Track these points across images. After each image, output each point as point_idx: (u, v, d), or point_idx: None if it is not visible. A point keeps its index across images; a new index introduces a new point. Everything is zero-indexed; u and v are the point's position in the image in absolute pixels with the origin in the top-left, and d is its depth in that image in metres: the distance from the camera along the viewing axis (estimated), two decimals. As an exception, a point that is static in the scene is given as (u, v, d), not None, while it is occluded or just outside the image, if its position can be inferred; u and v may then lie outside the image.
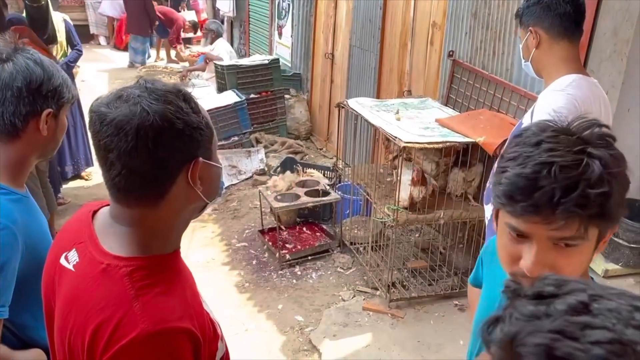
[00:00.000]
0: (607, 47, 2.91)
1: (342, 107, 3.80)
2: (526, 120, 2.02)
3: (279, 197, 3.94)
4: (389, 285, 3.40)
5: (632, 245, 3.40)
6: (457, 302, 3.42)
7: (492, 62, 3.44)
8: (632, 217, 3.46)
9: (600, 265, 3.50)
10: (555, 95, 1.77)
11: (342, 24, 5.44)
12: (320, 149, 6.01)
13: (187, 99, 0.96)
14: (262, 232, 4.15)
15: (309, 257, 3.89)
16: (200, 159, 0.96)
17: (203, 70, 7.30)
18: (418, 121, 3.45)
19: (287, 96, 6.19)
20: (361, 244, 3.90)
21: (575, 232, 0.81)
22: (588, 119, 0.87)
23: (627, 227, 3.40)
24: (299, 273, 3.78)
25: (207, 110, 1.05)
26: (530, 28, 1.89)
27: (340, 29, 5.52)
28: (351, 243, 3.94)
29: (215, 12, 9.99)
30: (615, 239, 3.44)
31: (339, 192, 4.16)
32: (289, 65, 6.69)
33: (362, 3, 4.92)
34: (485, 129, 3.10)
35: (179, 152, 0.93)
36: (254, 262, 3.91)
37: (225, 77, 5.76)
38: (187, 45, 11.14)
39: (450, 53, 3.78)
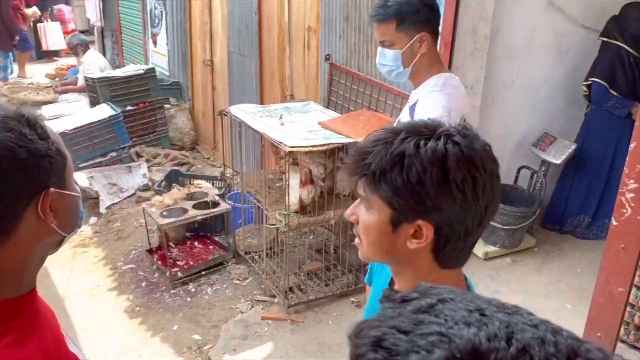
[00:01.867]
0: (469, 45, 3.11)
1: (225, 115, 3.72)
2: (404, 118, 2.09)
3: (165, 213, 3.77)
4: (286, 291, 3.38)
5: (506, 228, 3.67)
6: (353, 299, 3.48)
7: (367, 64, 3.54)
8: (504, 201, 3.73)
9: (480, 248, 3.74)
10: (438, 96, 1.84)
11: (219, 30, 5.34)
12: (208, 158, 5.86)
13: (32, 124, 0.86)
14: (149, 251, 3.95)
15: (203, 272, 3.77)
16: (52, 189, 0.86)
17: (75, 84, 6.85)
18: (302, 125, 3.47)
19: (167, 106, 5.96)
20: (256, 252, 3.84)
21: (362, 191, 0.93)
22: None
23: (500, 211, 3.66)
24: (193, 290, 3.65)
25: (80, 127, 0.95)
26: (421, 33, 1.90)
27: (217, 35, 5.42)
28: (246, 253, 3.88)
29: (88, 21, 9.39)
30: (492, 222, 3.69)
31: (230, 202, 4.07)
32: (167, 74, 6.46)
33: (236, 8, 4.86)
34: (365, 129, 3.18)
35: (24, 184, 0.83)
36: (144, 284, 3.71)
37: (98, 90, 5.42)
38: (55, 58, 10.39)
39: (327, 56, 3.84)
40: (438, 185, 0.87)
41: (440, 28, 3.05)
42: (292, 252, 3.75)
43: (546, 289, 3.45)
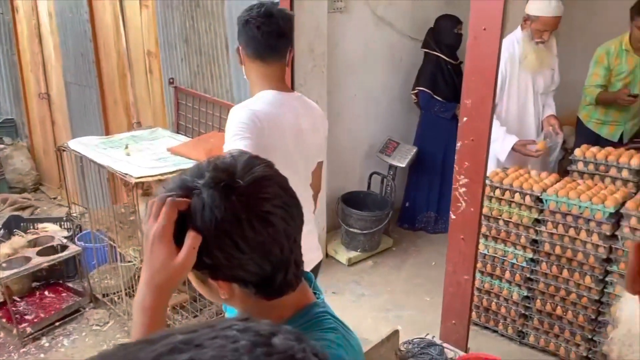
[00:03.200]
0: (308, 62, 3.21)
1: (64, 151, 3.45)
2: None
3: (3, 265, 3.39)
4: (151, 330, 3.20)
5: (365, 232, 3.83)
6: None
7: (212, 85, 3.51)
8: (360, 207, 3.90)
9: (343, 255, 3.86)
10: (238, 111, 1.84)
11: (53, 61, 4.97)
12: (54, 198, 5.40)
13: None
14: (-9, 309, 3.52)
15: (57, 324, 3.44)
16: None
17: None
18: (150, 153, 3.33)
19: (0, 146, 5.40)
20: (115, 293, 3.59)
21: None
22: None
23: (358, 217, 3.82)
24: (47, 345, 3.31)
25: None
26: (238, 45, 1.94)
27: (51, 66, 5.04)
28: (104, 295, 3.61)
29: None
30: (351, 229, 3.83)
31: (80, 243, 3.77)
32: (-2, 111, 5.86)
33: (69, 37, 4.56)
34: (217, 151, 3.14)
35: None
36: (-14, 347, 3.30)
37: None
38: None
39: (171, 80, 3.74)
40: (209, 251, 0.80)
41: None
42: (155, 287, 3.56)
43: (406, 285, 3.65)
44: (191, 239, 0.79)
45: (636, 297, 0.69)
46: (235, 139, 1.79)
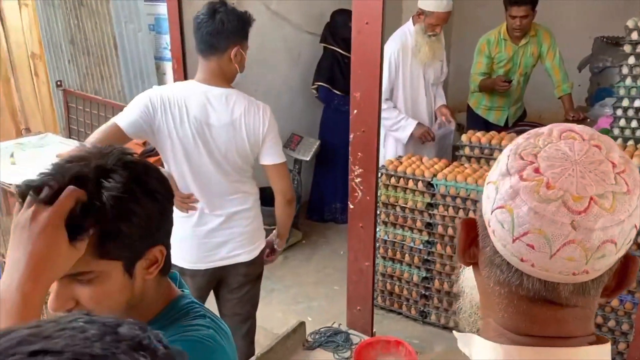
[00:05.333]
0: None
1: (-60, 163, 3.19)
2: None
3: None
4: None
5: (273, 228, 3.83)
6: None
7: (103, 87, 3.38)
8: (267, 203, 3.89)
9: (253, 252, 3.84)
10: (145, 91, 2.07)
11: None
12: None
13: None
14: None
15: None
16: None
17: None
18: (40, 160, 3.15)
19: None
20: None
21: (81, 267, 0.80)
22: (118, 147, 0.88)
23: (265, 213, 3.81)
24: None
25: None
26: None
27: None
28: None
29: None
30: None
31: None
32: None
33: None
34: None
35: None
36: None
37: None
38: None
39: (59, 83, 3.56)
40: (148, 210, 0.84)
41: (168, 44, 3.06)
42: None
43: (316, 276, 3.71)
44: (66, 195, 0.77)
45: (470, 268, 0.75)
46: (118, 115, 1.98)
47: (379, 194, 2.92)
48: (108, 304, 0.85)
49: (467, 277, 0.84)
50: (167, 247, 0.92)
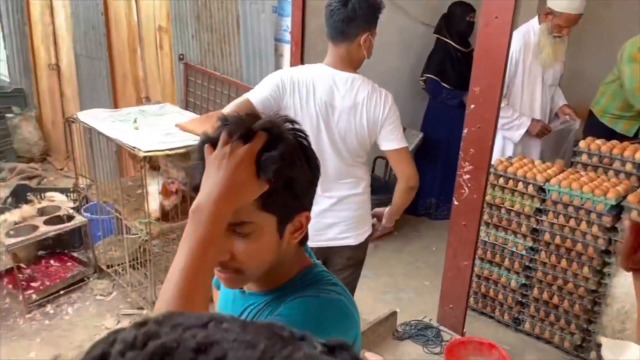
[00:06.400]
0: (319, 44, 3.21)
1: (73, 122, 3.49)
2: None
3: (11, 232, 3.45)
4: (154, 302, 3.26)
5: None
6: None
7: (222, 63, 3.52)
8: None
9: (345, 237, 3.89)
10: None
11: (64, 32, 4.98)
12: (61, 169, 5.45)
13: None
14: (-3, 275, 3.59)
15: (62, 292, 3.51)
16: None
17: None
18: (158, 128, 3.36)
19: (9, 115, 5.44)
20: (119, 264, 3.65)
21: (243, 217, 0.87)
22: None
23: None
24: (51, 312, 3.38)
25: None
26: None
27: (62, 38, 5.05)
28: (108, 266, 3.67)
29: None
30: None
31: (87, 214, 3.82)
32: (7, 80, 5.88)
33: (81, 9, 4.57)
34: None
35: None
36: (-7, 311, 3.37)
37: None
38: None
39: (181, 56, 3.76)
40: (305, 176, 0.92)
41: (290, 27, 3.14)
42: (159, 261, 3.62)
43: (406, 269, 3.70)
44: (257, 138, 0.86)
45: (629, 274, 0.73)
46: (251, 91, 2.08)
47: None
48: (258, 260, 0.92)
49: (620, 284, 0.81)
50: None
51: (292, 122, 0.93)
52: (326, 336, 0.82)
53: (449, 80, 3.97)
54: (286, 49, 3.18)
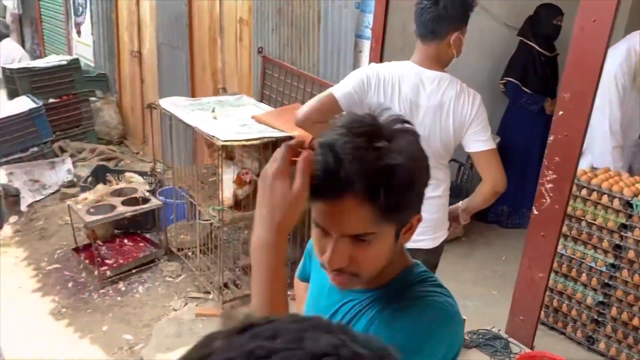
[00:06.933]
0: (399, 41, 3.18)
1: (154, 108, 3.62)
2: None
3: (91, 210, 3.62)
4: (221, 287, 3.34)
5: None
6: (290, 293, 3.48)
7: (300, 58, 3.54)
8: (433, 192, 3.85)
9: (411, 239, 3.84)
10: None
11: (147, 21, 5.18)
12: (137, 153, 5.68)
13: None
14: (76, 250, 3.79)
15: (134, 271, 3.66)
16: None
17: None
18: (235, 119, 3.43)
19: (93, 99, 5.71)
20: (189, 248, 3.77)
21: (368, 228, 0.85)
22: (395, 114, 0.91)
23: (430, 202, 3.78)
24: (123, 289, 3.53)
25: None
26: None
27: (145, 26, 5.25)
28: (179, 249, 3.79)
29: (4, 8, 8.80)
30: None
31: (161, 198, 3.96)
32: (93, 65, 6.19)
33: (166, -1, 4.73)
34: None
35: None
36: (70, 284, 3.55)
37: (17, 82, 5.11)
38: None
39: (260, 49, 3.81)
40: (424, 180, 0.91)
41: (371, 23, 3.11)
42: (227, 248, 3.70)
43: (474, 276, 3.61)
44: (302, 161, 0.85)
45: None
46: (335, 86, 2.06)
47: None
48: (375, 264, 0.91)
49: None
50: None
51: (404, 121, 0.90)
52: (438, 341, 0.80)
53: (530, 85, 3.83)
54: (366, 45, 3.16)
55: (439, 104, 2.00)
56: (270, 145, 3.32)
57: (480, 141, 2.02)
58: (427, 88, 2.01)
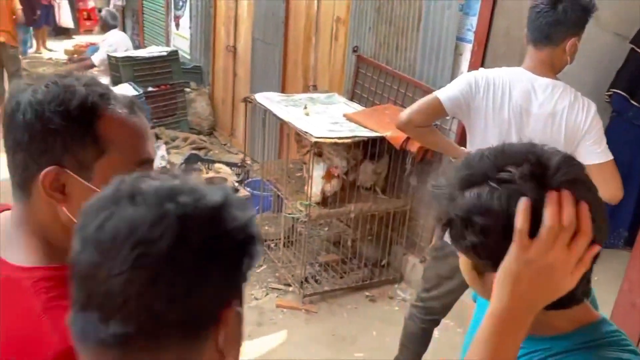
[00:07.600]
0: (501, 46, 3.08)
1: (250, 102, 3.72)
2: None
3: (185, 196, 3.77)
4: (302, 281, 3.39)
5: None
6: (368, 294, 3.49)
7: (396, 58, 3.52)
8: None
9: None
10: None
11: (244, 16, 5.33)
12: (225, 144, 5.86)
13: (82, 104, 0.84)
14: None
15: (218, 257, 3.78)
16: (61, 168, 0.82)
17: (88, 67, 6.45)
18: (326, 116, 3.46)
19: (187, 90, 5.96)
20: (272, 240, 3.85)
21: None
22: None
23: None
24: (208, 273, 3.66)
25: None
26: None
27: (242, 22, 5.41)
28: (262, 240, 3.87)
29: (108, 1, 9.38)
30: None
31: (248, 189, 4.07)
32: (188, 57, 6.45)
33: (264, -5, 4.85)
34: (391, 124, 3.17)
35: (37, 149, 0.82)
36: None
37: (120, 70, 5.43)
38: (73, 36, 10.42)
39: (355, 48, 3.82)
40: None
41: (474, 26, 3.04)
42: (308, 243, 3.75)
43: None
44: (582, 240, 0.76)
45: None
46: (441, 89, 2.04)
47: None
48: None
49: None
50: None
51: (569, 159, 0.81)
52: None
53: (638, 98, 3.60)
54: (467, 49, 3.09)
55: (552, 112, 1.92)
56: (361, 144, 3.33)
57: (595, 153, 1.92)
58: (540, 96, 1.93)
